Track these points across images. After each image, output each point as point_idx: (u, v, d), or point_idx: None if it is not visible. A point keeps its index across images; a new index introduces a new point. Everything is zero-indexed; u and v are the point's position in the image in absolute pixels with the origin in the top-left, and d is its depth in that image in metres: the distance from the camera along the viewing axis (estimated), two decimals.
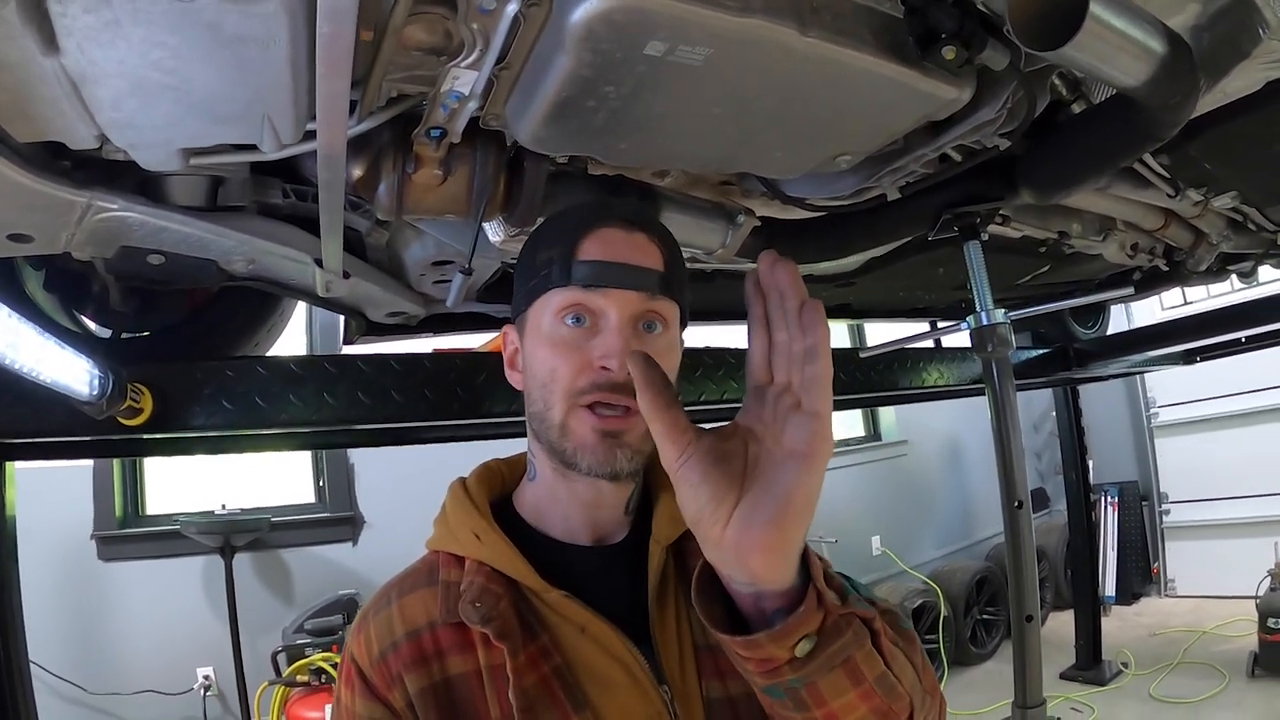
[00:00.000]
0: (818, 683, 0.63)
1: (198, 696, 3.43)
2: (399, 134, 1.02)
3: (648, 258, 0.82)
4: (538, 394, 0.83)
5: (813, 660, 0.62)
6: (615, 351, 0.78)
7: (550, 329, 0.82)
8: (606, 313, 0.80)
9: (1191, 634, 5.17)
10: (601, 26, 0.73)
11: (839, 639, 0.63)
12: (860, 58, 0.86)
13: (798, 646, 0.61)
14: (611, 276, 0.80)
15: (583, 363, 0.80)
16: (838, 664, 0.63)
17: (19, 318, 1.00)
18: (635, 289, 0.80)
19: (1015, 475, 1.63)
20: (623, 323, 0.80)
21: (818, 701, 0.63)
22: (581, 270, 0.80)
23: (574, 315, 0.81)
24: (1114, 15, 0.84)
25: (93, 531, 3.44)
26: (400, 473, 3.81)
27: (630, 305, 0.80)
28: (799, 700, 0.64)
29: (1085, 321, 3.64)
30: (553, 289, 0.81)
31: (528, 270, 0.85)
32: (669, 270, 0.83)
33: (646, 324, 0.82)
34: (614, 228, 0.82)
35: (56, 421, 1.44)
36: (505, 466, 0.95)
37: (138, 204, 1.06)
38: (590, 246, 0.81)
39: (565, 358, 0.80)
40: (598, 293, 0.80)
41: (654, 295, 0.81)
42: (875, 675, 0.65)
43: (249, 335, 1.70)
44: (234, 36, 0.70)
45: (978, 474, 6.42)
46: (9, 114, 0.80)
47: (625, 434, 0.80)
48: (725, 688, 0.80)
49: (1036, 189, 1.41)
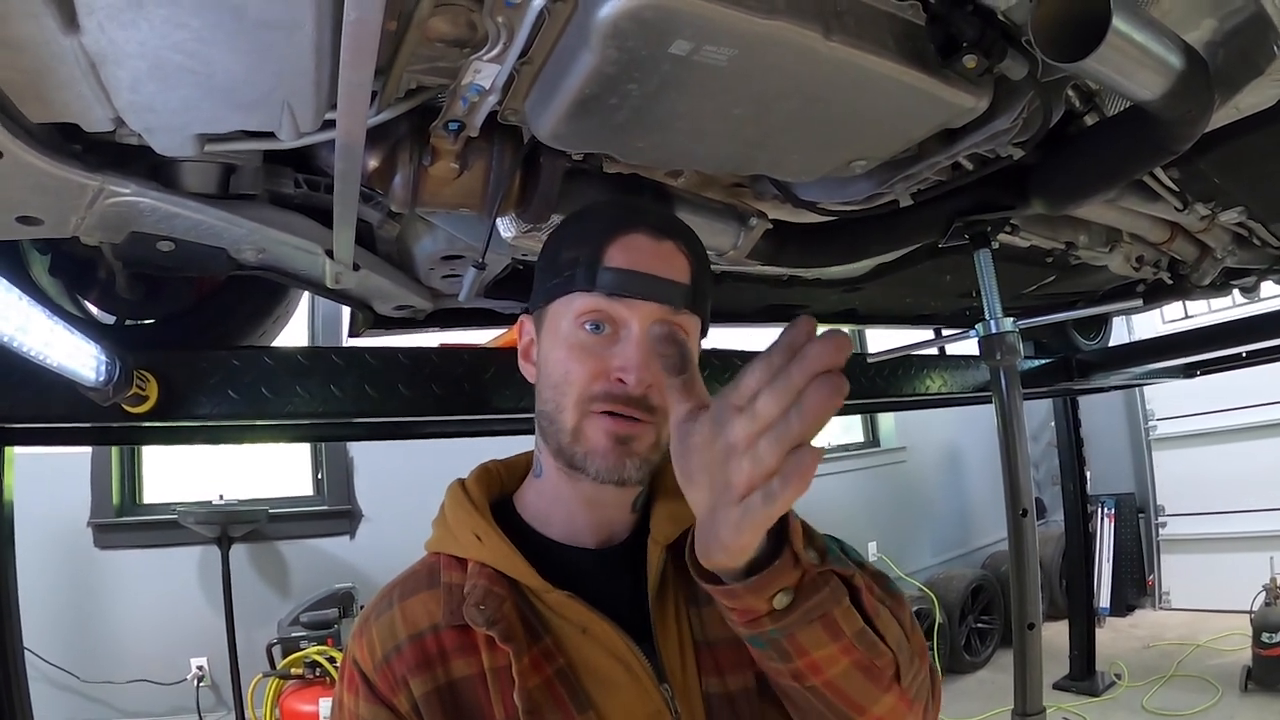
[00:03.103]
0: (797, 634, 0.64)
1: (191, 687, 3.43)
2: (417, 126, 1.01)
3: (675, 269, 0.81)
4: (549, 394, 0.83)
5: (791, 613, 0.63)
6: (633, 365, 0.78)
7: (569, 332, 0.81)
8: (628, 323, 0.80)
9: (1185, 647, 5.17)
10: (628, 24, 0.73)
11: (816, 594, 0.64)
12: (882, 63, 0.86)
13: (775, 599, 0.63)
14: (636, 287, 0.79)
15: (599, 370, 0.79)
16: (815, 618, 0.64)
17: (29, 300, 0.99)
18: (659, 301, 0.80)
19: (1021, 483, 1.63)
20: (643, 335, 0.79)
21: (799, 652, 0.66)
22: (606, 277, 0.79)
23: (594, 322, 0.80)
24: (1135, 29, 0.84)
25: (90, 519, 3.44)
26: (399, 467, 3.81)
27: (652, 317, 0.80)
28: (781, 650, 0.66)
29: (1087, 333, 3.65)
30: (576, 292, 0.80)
31: (552, 266, 0.84)
32: (695, 283, 0.83)
33: None
34: (643, 234, 0.81)
35: (60, 407, 1.43)
36: (503, 468, 0.95)
37: (150, 189, 1.05)
38: (617, 253, 0.80)
39: (582, 363, 0.80)
40: (621, 302, 0.79)
41: (677, 309, 0.81)
42: (854, 630, 0.67)
43: (256, 325, 1.70)
44: (259, 20, 0.69)
45: (976, 482, 6.43)
46: (24, 94, 0.80)
47: (635, 440, 0.80)
48: (724, 684, 0.80)
49: (1048, 199, 1.41)
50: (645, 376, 0.78)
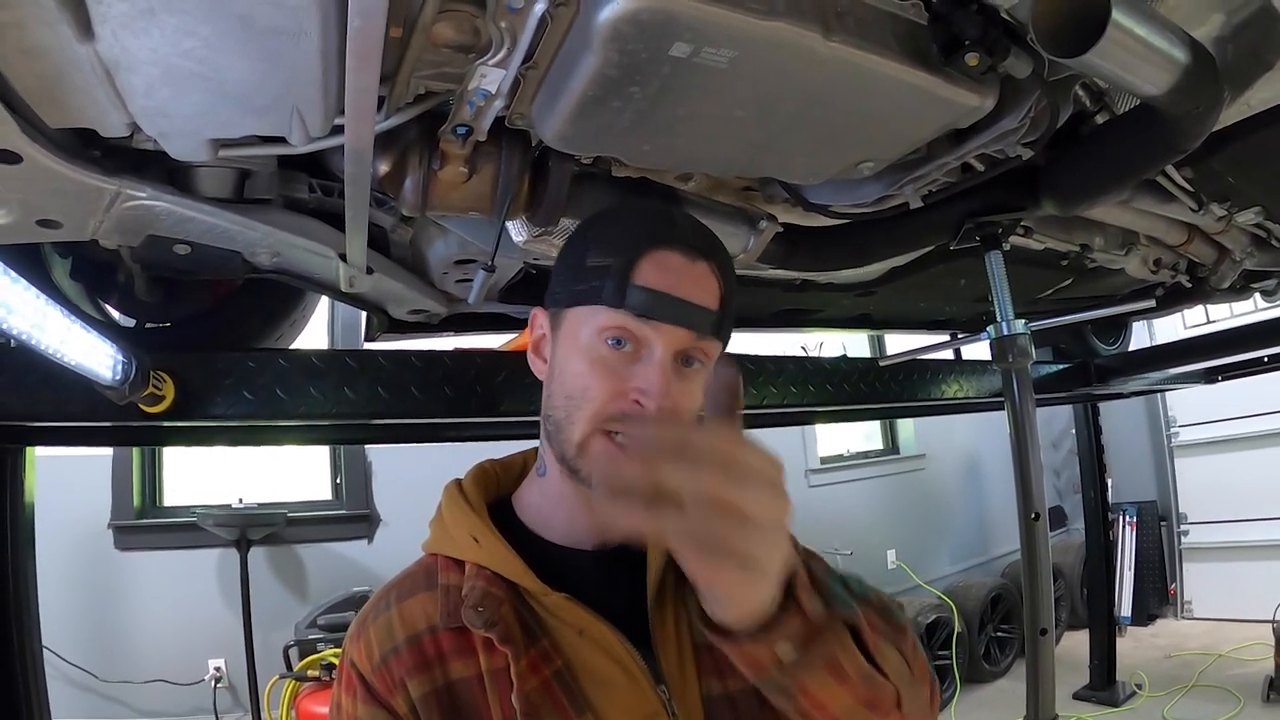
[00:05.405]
0: (802, 679, 0.66)
1: (208, 688, 3.46)
2: (426, 131, 1.03)
3: (705, 294, 0.80)
4: (561, 402, 0.81)
5: (796, 663, 0.65)
6: (654, 390, 0.76)
7: (589, 344, 0.79)
8: (652, 345, 0.78)
9: (1207, 657, 5.10)
10: (628, 27, 0.74)
11: (820, 642, 0.65)
12: (883, 63, 0.86)
13: (779, 648, 0.64)
14: (666, 311, 0.77)
15: (617, 389, 0.78)
16: (819, 664, 0.65)
17: (46, 299, 1.01)
18: (688, 327, 0.78)
19: (1033, 488, 1.62)
20: (666, 358, 0.78)
21: (803, 692, 0.67)
22: (636, 297, 0.77)
23: (617, 338, 0.78)
24: (1136, 23, 0.84)
25: (110, 521, 3.48)
26: (417, 473, 3.81)
27: (678, 342, 0.78)
28: (786, 691, 0.67)
29: (1107, 338, 3.61)
30: (602, 305, 0.78)
31: (577, 269, 0.82)
32: (723, 308, 0.81)
33: (687, 359, 0.80)
34: (677, 252, 0.79)
35: (78, 406, 1.45)
36: (499, 468, 0.95)
37: (166, 193, 1.07)
38: (649, 270, 0.77)
39: (600, 380, 0.78)
40: (648, 324, 0.77)
41: (703, 335, 0.79)
42: (858, 670, 0.68)
43: (272, 329, 1.72)
44: (265, 28, 0.71)
45: (995, 490, 6.38)
46: (43, 100, 0.82)
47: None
48: (724, 685, 0.80)
49: (1059, 199, 1.40)
50: (665, 403, 0.77)
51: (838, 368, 2.45)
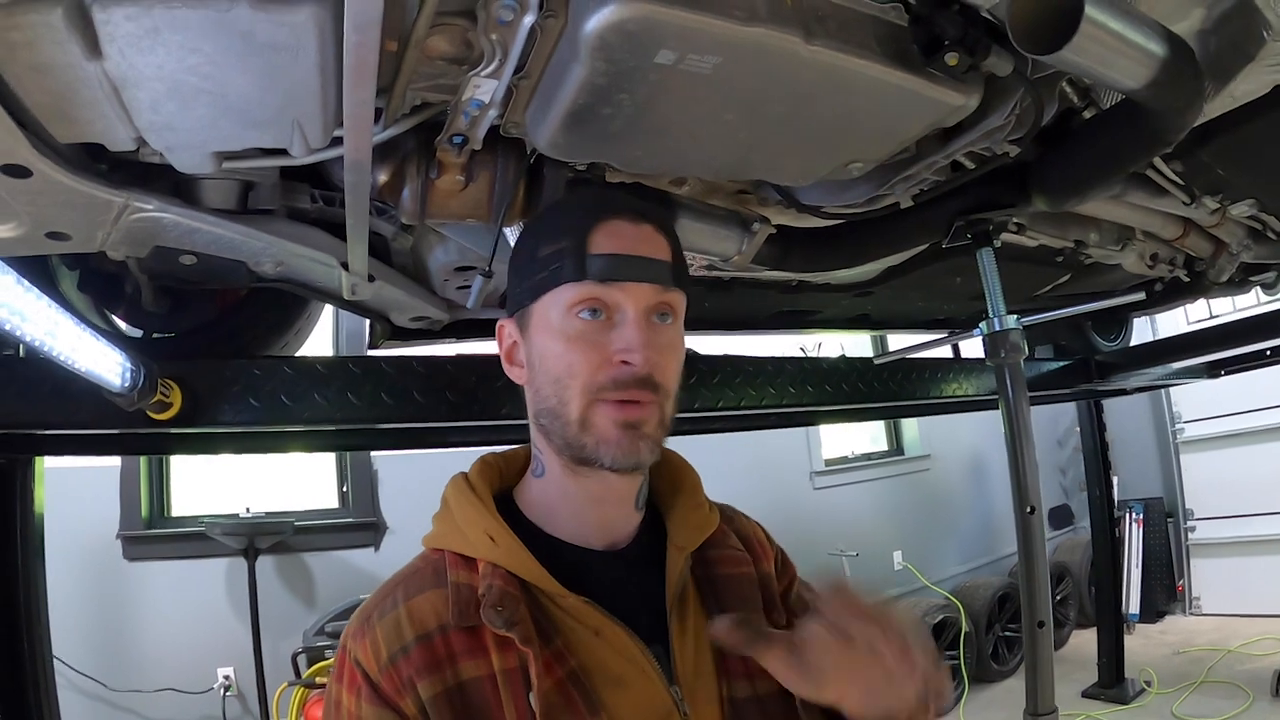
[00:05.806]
0: None
1: (218, 696, 3.47)
2: (423, 141, 1.05)
3: (658, 249, 0.82)
4: (550, 389, 0.82)
5: None
6: (636, 345, 0.78)
7: (563, 323, 0.81)
8: (623, 306, 0.80)
9: (1216, 652, 5.08)
10: (614, 36, 0.76)
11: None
12: (865, 65, 0.89)
13: None
14: (627, 270, 0.80)
15: (602, 358, 0.79)
16: None
17: (57, 307, 1.03)
18: (650, 281, 0.80)
19: (1027, 481, 1.63)
20: (639, 315, 0.80)
21: None
22: (596, 264, 0.79)
23: (589, 309, 0.80)
24: (1111, 18, 0.86)
25: (119, 531, 3.49)
26: (423, 480, 3.81)
27: (646, 298, 0.80)
28: None
29: (1107, 334, 3.62)
30: (564, 284, 0.80)
31: (529, 265, 0.84)
32: (676, 261, 0.84)
33: (659, 314, 0.82)
34: (622, 220, 0.82)
35: (86, 415, 1.47)
36: (502, 460, 0.94)
37: (172, 205, 1.10)
38: (601, 240, 0.80)
39: (583, 353, 0.79)
40: (614, 286, 0.79)
41: (667, 287, 0.82)
42: None
43: (277, 337, 1.74)
44: (266, 44, 0.74)
45: (1001, 489, 6.35)
46: (52, 115, 0.85)
47: (644, 424, 0.80)
48: (753, 687, 0.81)
49: (1048, 195, 1.42)
50: (650, 355, 0.79)
51: (837, 368, 2.46)
